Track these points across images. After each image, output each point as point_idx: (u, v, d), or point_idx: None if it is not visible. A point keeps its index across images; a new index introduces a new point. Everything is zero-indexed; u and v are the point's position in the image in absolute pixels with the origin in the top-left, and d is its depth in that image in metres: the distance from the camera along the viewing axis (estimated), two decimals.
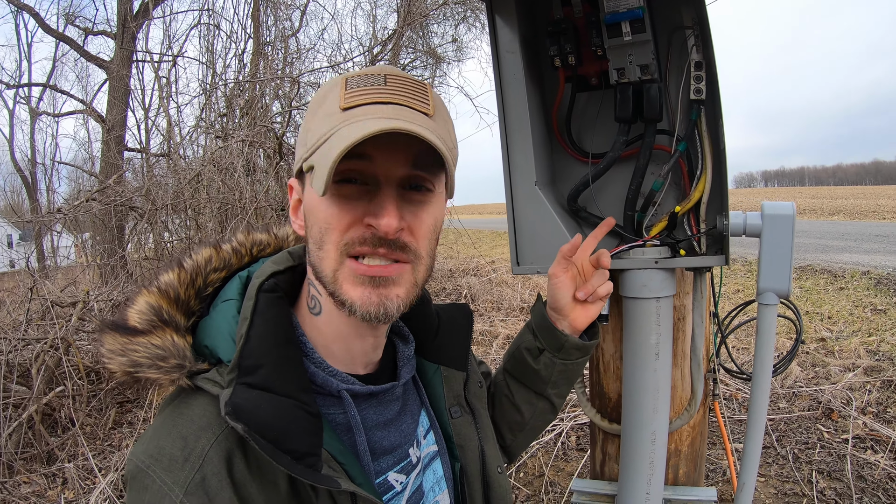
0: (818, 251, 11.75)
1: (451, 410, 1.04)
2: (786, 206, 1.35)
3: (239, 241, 0.98)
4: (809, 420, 3.78)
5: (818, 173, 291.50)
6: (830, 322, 6.14)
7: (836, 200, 34.49)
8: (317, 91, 0.83)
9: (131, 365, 0.77)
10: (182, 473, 0.70)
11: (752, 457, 1.48)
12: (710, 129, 1.37)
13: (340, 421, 0.86)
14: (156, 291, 0.84)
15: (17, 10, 13.85)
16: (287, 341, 0.81)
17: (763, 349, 1.44)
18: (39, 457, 4.10)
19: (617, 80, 1.36)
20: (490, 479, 1.06)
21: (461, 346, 1.09)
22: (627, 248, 1.43)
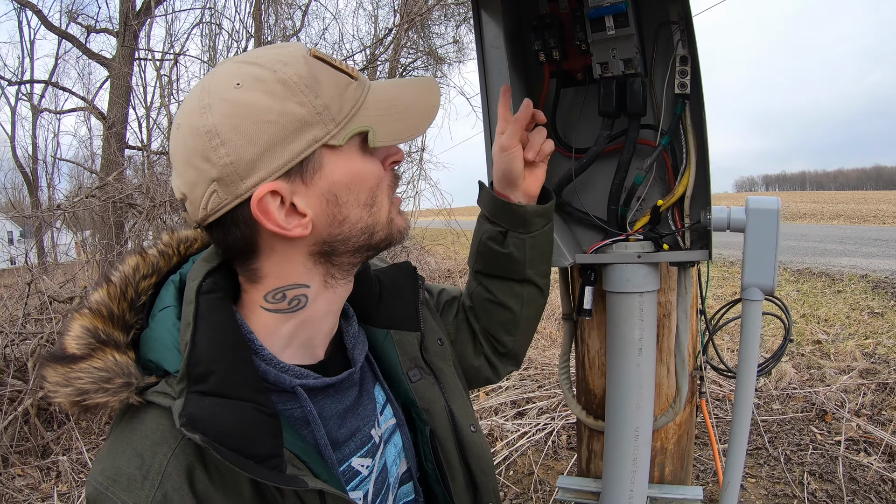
0: (817, 254, 11.75)
1: (409, 374, 1.01)
2: (770, 201, 1.35)
3: (164, 242, 0.94)
4: (803, 422, 3.77)
5: (819, 178, 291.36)
6: (827, 325, 6.14)
7: (836, 205, 34.51)
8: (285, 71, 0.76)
9: (78, 394, 0.73)
10: (142, 492, 0.68)
11: (738, 455, 1.48)
12: (694, 124, 1.37)
13: (298, 416, 0.84)
14: (88, 313, 0.80)
15: (19, 6, 13.90)
16: (235, 343, 0.78)
17: (748, 346, 1.44)
18: (34, 450, 4.12)
19: (600, 75, 1.35)
20: (464, 439, 1.03)
21: (409, 305, 1.05)
22: (610, 242, 1.43)
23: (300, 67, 0.77)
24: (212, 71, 0.79)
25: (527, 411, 4.08)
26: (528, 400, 4.27)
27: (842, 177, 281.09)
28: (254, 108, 0.73)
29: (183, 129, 0.76)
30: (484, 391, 4.59)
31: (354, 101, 0.80)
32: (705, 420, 1.78)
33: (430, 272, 10.31)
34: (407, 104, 0.85)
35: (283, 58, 0.77)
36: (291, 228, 0.78)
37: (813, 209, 31.40)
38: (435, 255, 11.83)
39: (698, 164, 1.37)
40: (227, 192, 0.74)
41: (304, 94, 0.76)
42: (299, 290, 0.84)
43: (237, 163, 0.73)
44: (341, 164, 0.80)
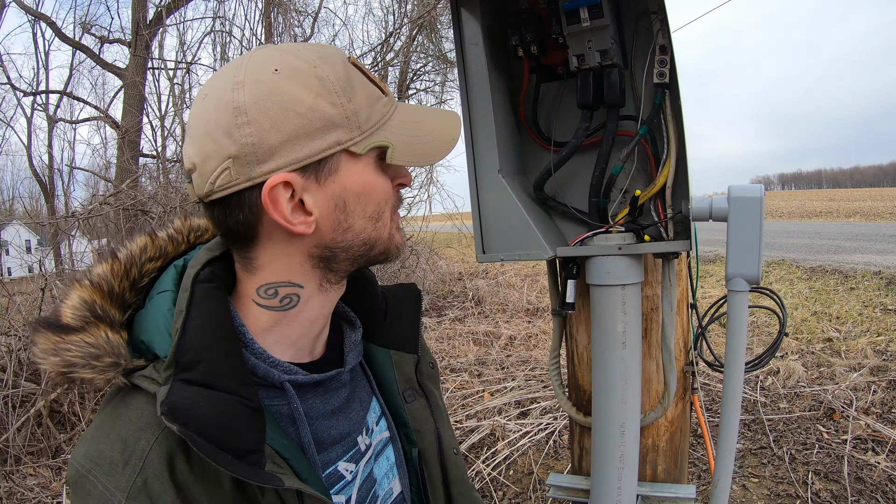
0: (830, 252, 11.58)
1: (404, 395, 1.02)
2: (753, 189, 1.32)
3: (176, 227, 0.94)
4: (810, 420, 3.70)
5: (835, 176, 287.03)
6: (839, 322, 6.04)
7: (852, 203, 33.95)
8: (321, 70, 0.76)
9: (65, 365, 0.74)
10: (123, 477, 0.68)
11: (727, 453, 1.45)
12: (674, 113, 1.35)
13: (284, 412, 0.84)
14: (88, 285, 0.80)
15: (34, 19, 14.16)
16: (226, 334, 0.77)
17: (734, 338, 1.41)
18: (47, 451, 4.18)
19: (577, 67, 1.35)
20: (447, 461, 1.04)
21: (411, 328, 1.06)
22: (591, 234, 1.42)
23: (338, 69, 0.78)
24: (250, 52, 0.79)
25: (530, 411, 4.06)
26: (532, 400, 4.24)
27: (858, 174, 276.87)
28: (287, 96, 0.74)
29: (209, 101, 0.75)
30: (489, 391, 4.58)
31: (381, 115, 0.82)
32: (698, 417, 1.75)
33: (440, 275, 10.33)
34: (428, 131, 0.86)
35: (323, 56, 0.78)
36: (296, 224, 0.77)
37: (829, 207, 30.92)
38: (446, 258, 11.85)
39: (678, 154, 1.36)
40: (240, 172, 0.74)
41: (338, 95, 0.76)
42: (292, 289, 0.83)
43: (258, 145, 0.73)
44: (356, 172, 0.80)
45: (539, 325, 6.82)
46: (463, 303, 8.42)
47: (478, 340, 6.42)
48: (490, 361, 5.49)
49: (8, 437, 3.99)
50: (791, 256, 11.16)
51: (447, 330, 6.96)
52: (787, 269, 9.95)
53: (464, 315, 7.78)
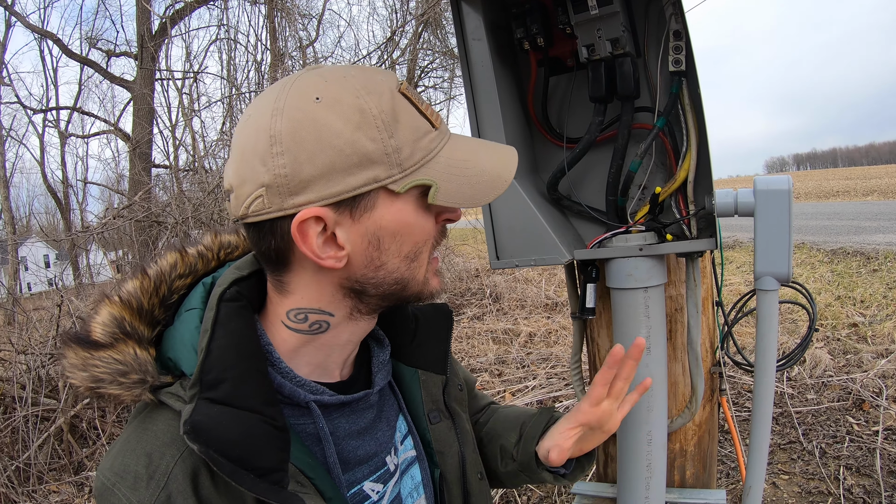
0: (850, 233, 11.33)
1: (429, 415, 1.00)
2: (781, 181, 1.24)
3: (206, 244, 0.93)
4: (839, 412, 3.57)
5: (851, 153, 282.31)
6: (863, 306, 5.87)
7: (869, 181, 33.25)
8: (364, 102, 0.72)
9: (93, 381, 0.74)
10: (147, 492, 0.68)
11: (759, 457, 1.38)
12: (692, 102, 1.28)
13: (311, 432, 0.82)
14: (118, 301, 0.80)
15: (40, 37, 14.28)
16: (251, 353, 0.77)
17: (764, 339, 1.34)
18: (69, 467, 4.19)
19: (587, 58, 1.27)
20: (470, 485, 1.02)
21: (440, 348, 1.03)
22: (610, 235, 1.34)
23: (383, 101, 0.73)
24: (297, 75, 0.76)
25: None
26: (555, 399, 4.16)
27: (874, 151, 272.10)
28: (324, 128, 0.70)
29: (250, 124, 0.74)
30: (510, 391, 4.50)
31: (427, 152, 0.77)
32: (727, 419, 1.67)
33: (456, 272, 10.27)
34: (479, 170, 0.81)
35: (370, 85, 0.74)
36: (325, 258, 0.75)
37: (846, 186, 30.32)
38: (462, 255, 11.78)
39: (699, 146, 1.28)
40: (272, 202, 0.72)
41: (379, 129, 0.72)
42: (323, 316, 0.82)
43: (291, 177, 0.70)
44: (394, 210, 0.76)
45: (559, 321, 6.71)
46: (481, 300, 8.34)
47: (497, 339, 6.33)
48: (510, 360, 5.41)
49: (30, 454, 4.00)
50: (811, 239, 10.93)
51: (466, 329, 6.89)
52: (808, 252, 9.74)
53: (482, 313, 7.70)
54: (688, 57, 1.25)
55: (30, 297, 10.96)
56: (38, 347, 4.97)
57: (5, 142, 14.78)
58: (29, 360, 4.75)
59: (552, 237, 1.34)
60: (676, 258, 1.46)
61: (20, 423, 4.12)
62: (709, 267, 1.59)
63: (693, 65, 1.24)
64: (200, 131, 9.77)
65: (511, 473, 1.12)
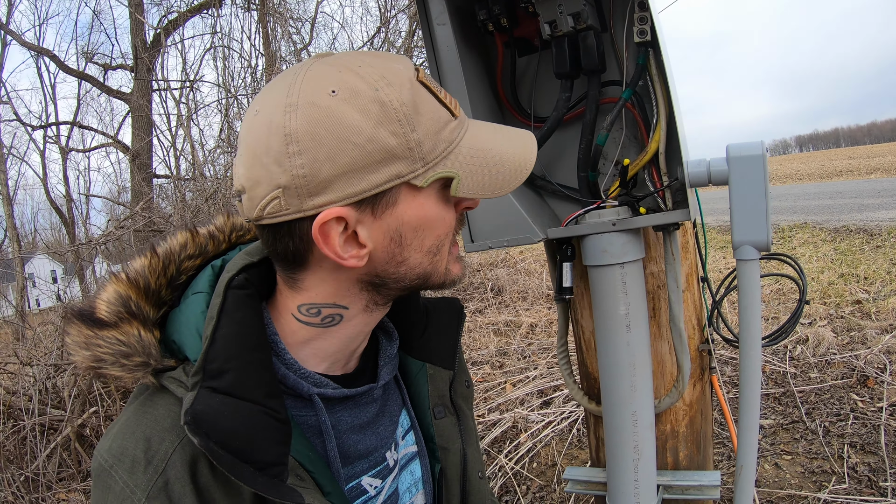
0: (854, 211, 11.23)
1: (434, 410, 0.99)
2: (753, 146, 1.21)
3: (217, 225, 0.91)
4: (843, 389, 3.53)
5: (853, 133, 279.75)
6: (867, 283, 5.81)
7: (872, 159, 32.91)
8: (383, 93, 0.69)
9: (94, 360, 0.74)
10: (144, 476, 0.68)
11: (750, 435, 1.35)
12: (659, 73, 1.25)
13: (312, 424, 0.82)
14: (125, 279, 0.79)
15: (36, 54, 14.34)
16: (256, 344, 0.75)
17: (748, 311, 1.31)
18: (76, 476, 4.22)
19: (550, 35, 1.25)
20: (470, 484, 1.01)
21: (450, 343, 1.02)
22: (583, 212, 1.32)
23: (404, 92, 0.70)
24: (308, 64, 0.72)
25: (553, 400, 3.96)
26: (555, 388, 4.14)
27: (876, 129, 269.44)
28: (343, 124, 0.67)
29: (261, 118, 0.70)
30: (510, 382, 4.49)
31: (448, 143, 0.75)
32: (718, 397, 1.65)
33: None
34: (500, 160, 0.79)
35: (388, 75, 0.71)
36: (347, 258, 0.74)
37: (848, 165, 30.00)
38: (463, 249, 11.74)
39: (668, 117, 1.26)
40: (290, 203, 0.69)
41: (401, 124, 0.69)
42: (336, 309, 0.81)
43: (310, 177, 0.68)
44: (417, 205, 0.75)
45: None
46: (483, 294, 8.33)
47: (498, 331, 6.32)
48: (511, 351, 5.40)
49: (38, 464, 4.02)
50: (813, 219, 10.83)
51: (468, 322, 6.88)
52: (811, 232, 9.65)
53: (484, 306, 7.69)
54: (652, 28, 1.23)
55: (38, 313, 11.05)
56: (43, 359, 5.02)
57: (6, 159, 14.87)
58: (35, 371, 4.79)
59: (525, 217, 1.32)
60: (655, 234, 1.44)
61: (27, 433, 4.15)
62: (691, 242, 1.56)
63: (657, 35, 1.21)
64: (200, 140, 9.79)
65: None
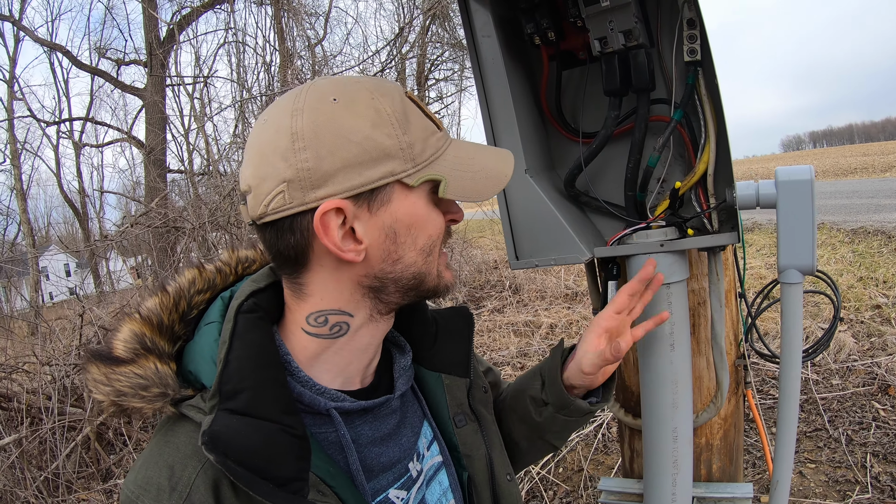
0: (871, 211, 11.11)
1: (455, 419, 1.00)
2: (802, 171, 1.21)
3: (223, 260, 0.96)
4: (864, 397, 3.52)
5: (867, 129, 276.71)
6: (886, 287, 5.76)
7: (887, 156, 32.49)
8: (378, 102, 0.77)
9: (116, 395, 0.77)
10: (170, 503, 0.70)
11: (786, 451, 1.35)
12: (709, 93, 1.25)
13: (333, 440, 0.83)
14: (138, 318, 0.83)
15: (49, 50, 14.44)
16: (269, 363, 0.78)
17: (789, 332, 1.31)
18: (97, 475, 4.25)
19: (600, 51, 1.25)
20: (499, 487, 1.02)
21: (462, 351, 1.04)
22: (630, 231, 1.32)
23: (395, 102, 0.78)
24: (311, 81, 0.81)
25: None
26: None
27: (890, 125, 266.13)
28: (344, 125, 0.75)
29: (269, 125, 0.77)
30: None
31: (436, 149, 0.82)
32: (752, 411, 1.65)
33: (476, 265, 10.23)
34: (481, 167, 0.86)
35: (381, 89, 0.79)
36: (346, 251, 0.78)
37: (863, 163, 29.66)
38: (480, 247, 11.73)
39: (718, 137, 1.25)
40: (293, 196, 0.75)
41: (394, 126, 0.77)
42: (342, 317, 0.83)
43: (313, 170, 0.74)
44: (409, 204, 0.80)
45: (579, 311, 6.67)
46: (500, 292, 8.30)
47: (518, 331, 6.31)
48: (532, 353, 5.38)
49: (58, 464, 4.05)
50: (830, 219, 10.73)
51: (486, 322, 6.87)
52: (828, 232, 9.57)
53: (502, 305, 7.67)
54: (703, 46, 1.22)
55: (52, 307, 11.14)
56: (62, 358, 5.05)
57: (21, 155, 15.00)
58: (53, 370, 4.82)
59: (571, 235, 1.32)
60: (698, 252, 1.44)
61: (47, 433, 4.18)
62: (731, 258, 1.56)
63: (709, 54, 1.21)
64: (213, 135, 9.82)
65: (548, 420, 1.11)
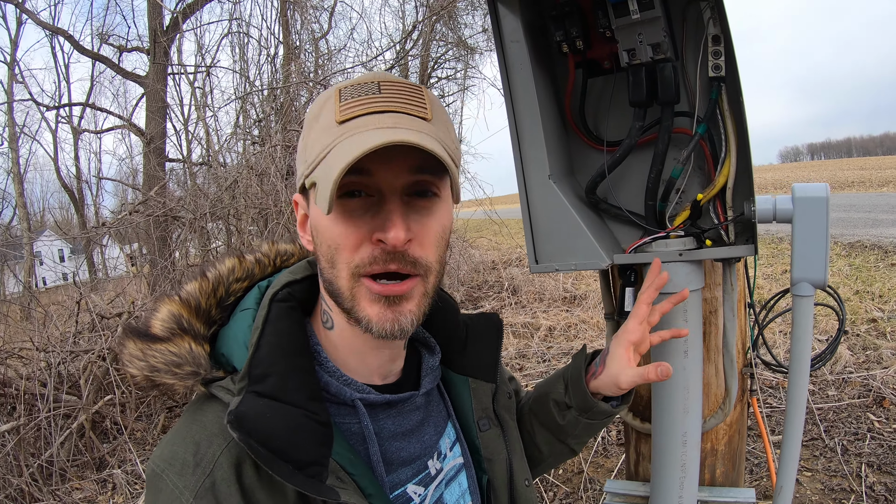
0: (868, 226, 11.20)
1: (479, 423, 1.02)
2: (818, 188, 1.25)
3: (263, 251, 0.99)
4: (860, 408, 3.57)
5: (865, 143, 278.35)
6: (882, 301, 5.82)
7: (884, 171, 32.66)
8: (311, 104, 0.82)
9: (149, 370, 0.79)
10: (193, 478, 0.72)
11: (790, 458, 1.39)
12: (732, 108, 1.28)
13: (355, 431, 0.85)
14: (177, 300, 0.86)
15: (51, 33, 14.34)
16: (298, 351, 0.81)
17: (799, 344, 1.34)
18: (90, 464, 4.23)
19: (628, 62, 1.28)
20: (517, 492, 1.04)
21: (490, 357, 1.06)
22: (650, 240, 1.35)
23: (320, 101, 0.81)
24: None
25: None
26: None
27: (888, 140, 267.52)
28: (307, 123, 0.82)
29: None
30: (531, 386, 4.51)
31: (323, 147, 0.75)
32: (757, 419, 1.68)
33: (474, 265, 10.20)
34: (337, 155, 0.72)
35: (330, 89, 0.81)
36: (302, 236, 0.85)
37: (860, 176, 29.81)
38: (479, 247, 11.72)
39: (739, 152, 1.28)
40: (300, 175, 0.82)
41: (309, 124, 0.80)
42: (325, 304, 0.86)
43: (299, 163, 0.82)
44: (313, 205, 0.81)
45: (578, 314, 6.69)
46: (499, 293, 8.29)
47: (517, 332, 6.33)
48: (531, 354, 5.41)
49: (52, 452, 4.04)
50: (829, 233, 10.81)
51: None
52: None
53: (500, 306, 7.67)
54: (728, 62, 1.25)
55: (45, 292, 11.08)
56: (58, 345, 5.02)
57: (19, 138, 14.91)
58: (49, 357, 4.79)
59: (592, 241, 1.35)
60: (712, 262, 1.47)
61: (42, 420, 4.17)
62: (741, 269, 1.59)
63: (734, 70, 1.24)
64: (214, 125, 9.78)
65: (570, 423, 1.13)
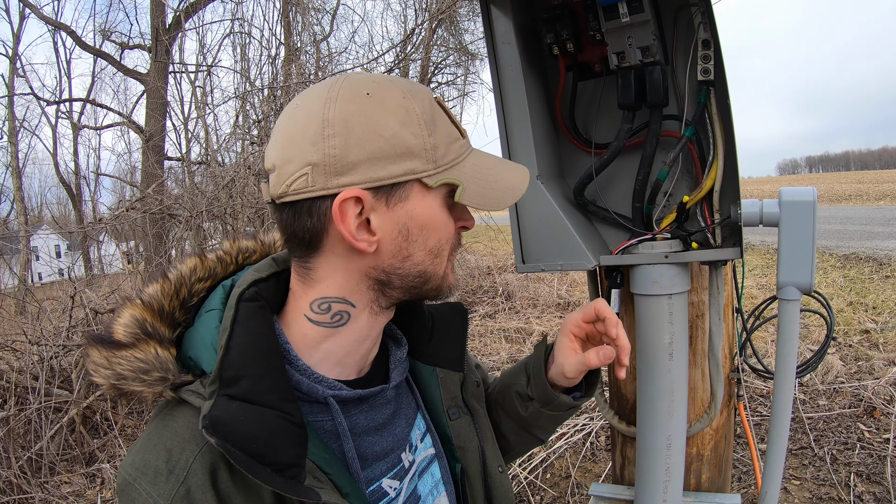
0: (863, 238, 11.25)
1: (448, 412, 1.03)
2: (806, 192, 1.25)
3: (225, 249, 0.97)
4: (850, 418, 3.57)
5: (863, 157, 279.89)
6: (875, 313, 5.84)
7: (881, 185, 32.82)
8: (396, 98, 0.79)
9: (116, 378, 0.77)
10: (167, 486, 0.70)
11: (776, 464, 1.39)
12: (720, 112, 1.28)
13: (329, 428, 0.85)
14: (140, 304, 0.84)
15: (54, 29, 14.35)
16: (269, 351, 0.79)
17: (785, 348, 1.35)
18: (80, 458, 4.23)
19: (617, 65, 1.28)
20: (491, 479, 1.05)
21: (456, 346, 1.06)
22: (636, 242, 1.35)
23: (425, 104, 0.81)
24: (346, 74, 0.83)
25: None
26: None
27: (886, 155, 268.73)
28: (373, 119, 0.77)
29: (301, 110, 0.79)
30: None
31: (457, 155, 0.84)
32: (743, 424, 1.68)
33: (469, 269, 10.23)
34: (498, 178, 0.88)
35: (413, 90, 0.81)
36: (359, 241, 0.79)
37: (858, 190, 29.97)
38: (474, 252, 11.75)
39: (726, 156, 1.29)
40: (316, 180, 0.76)
41: (421, 127, 0.79)
42: (345, 306, 0.85)
43: (339, 158, 0.76)
44: (426, 204, 0.82)
45: None
46: (493, 298, 8.31)
47: (509, 337, 6.33)
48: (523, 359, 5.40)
49: (42, 445, 4.03)
50: (823, 244, 10.86)
51: (478, 327, 6.88)
52: (821, 256, 9.67)
53: (494, 311, 7.69)
54: (717, 66, 1.26)
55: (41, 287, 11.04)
56: (51, 339, 5.01)
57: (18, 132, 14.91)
58: (42, 350, 4.79)
59: (579, 242, 1.35)
60: (699, 265, 1.47)
61: (32, 413, 4.16)
62: (730, 274, 1.60)
63: (722, 74, 1.24)
64: (213, 125, 9.80)
65: (534, 415, 1.13)
